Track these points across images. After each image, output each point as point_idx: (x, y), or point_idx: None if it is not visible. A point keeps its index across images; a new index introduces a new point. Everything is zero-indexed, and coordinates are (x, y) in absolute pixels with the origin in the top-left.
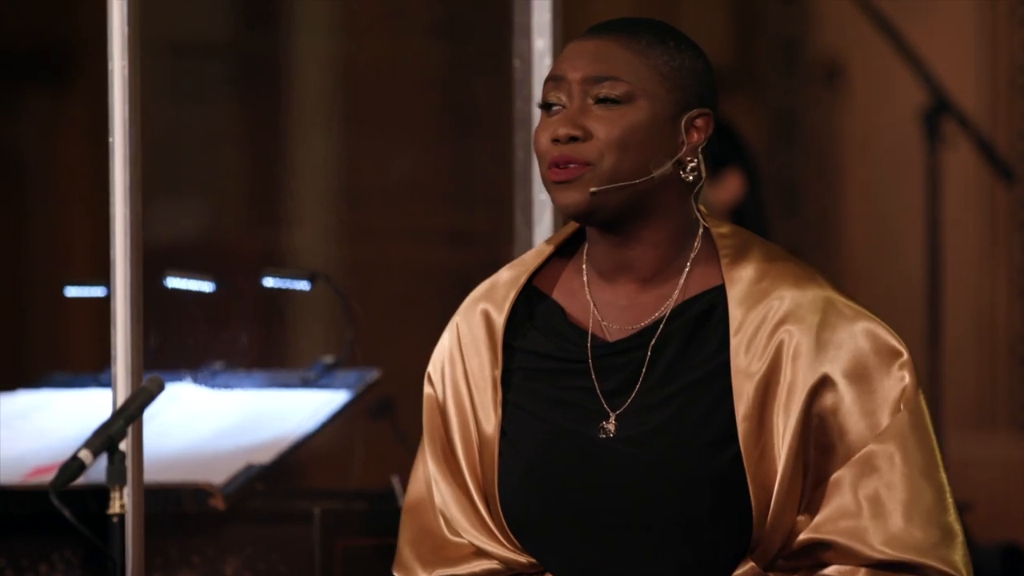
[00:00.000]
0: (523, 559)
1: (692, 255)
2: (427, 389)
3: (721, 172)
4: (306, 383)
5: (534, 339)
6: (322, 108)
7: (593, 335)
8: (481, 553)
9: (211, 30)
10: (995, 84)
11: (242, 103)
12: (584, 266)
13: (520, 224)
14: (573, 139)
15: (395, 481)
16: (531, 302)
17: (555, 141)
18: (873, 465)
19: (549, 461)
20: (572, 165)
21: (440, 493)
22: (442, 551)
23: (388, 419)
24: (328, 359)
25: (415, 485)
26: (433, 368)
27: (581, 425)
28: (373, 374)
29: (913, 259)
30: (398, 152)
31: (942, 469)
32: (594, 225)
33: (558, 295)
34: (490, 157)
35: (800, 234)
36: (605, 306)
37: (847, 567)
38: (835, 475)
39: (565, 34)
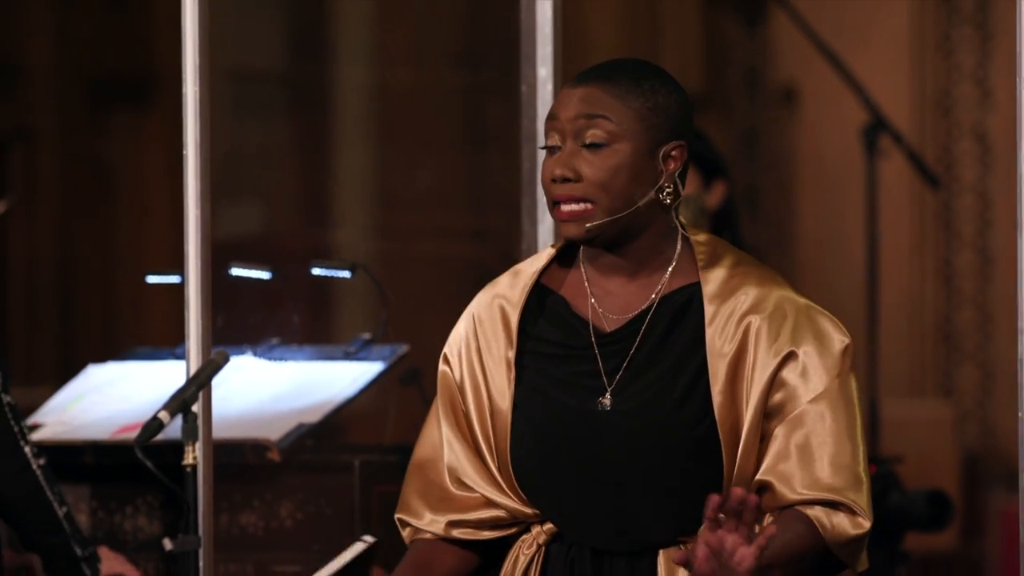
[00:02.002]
0: (528, 510)
1: (674, 257)
2: (442, 367)
3: (712, 182)
4: (347, 356)
5: (543, 328)
6: (360, 127)
7: (594, 326)
8: (490, 504)
9: (268, 61)
10: (924, 106)
11: (294, 122)
12: (582, 265)
13: (526, 223)
14: (567, 179)
15: None
16: (540, 296)
17: (553, 180)
18: (804, 421)
19: (555, 431)
20: (572, 204)
21: (455, 453)
22: (449, 502)
23: (415, 386)
24: (366, 336)
25: (423, 447)
26: (449, 351)
27: (582, 401)
28: (403, 348)
29: (855, 252)
30: (423, 163)
31: (860, 433)
32: (593, 247)
33: (563, 291)
34: (501, 167)
35: (761, 233)
36: (602, 297)
37: (780, 508)
38: (775, 429)
39: (565, 64)
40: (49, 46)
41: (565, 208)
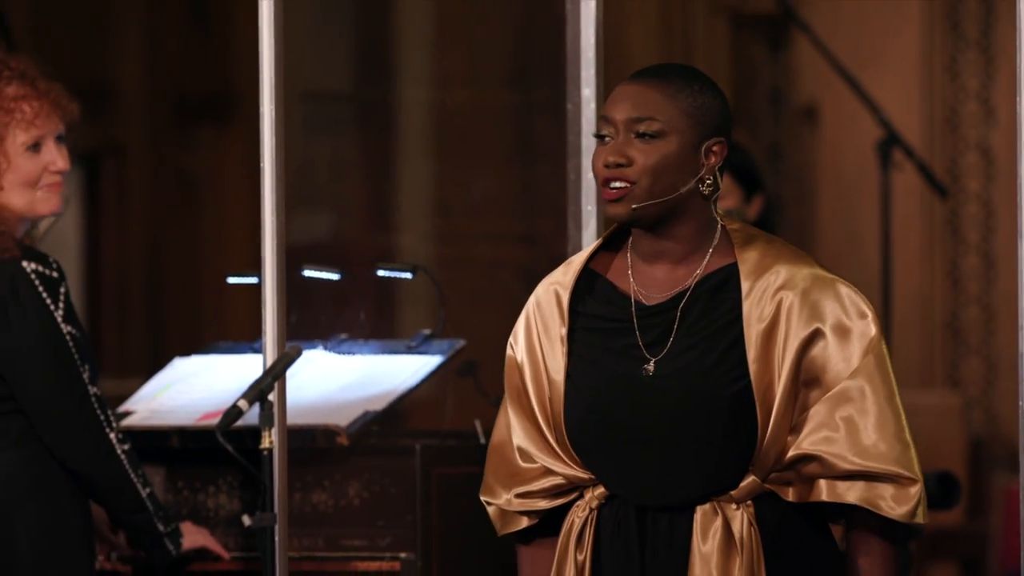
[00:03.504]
0: (583, 474)
1: (713, 244)
2: (508, 352)
3: (752, 197)
4: (409, 349)
5: (592, 306)
6: (421, 141)
7: (636, 300)
8: (549, 472)
9: (337, 82)
10: (933, 122)
11: (360, 137)
12: (629, 253)
13: (572, 229)
14: (619, 164)
15: (477, 424)
16: (589, 280)
17: (606, 165)
18: (848, 396)
19: (604, 396)
20: (620, 184)
21: (518, 430)
22: (517, 476)
23: (471, 377)
24: (426, 331)
25: (497, 432)
26: (514, 336)
27: (628, 368)
28: (460, 343)
29: (871, 256)
30: (478, 174)
31: (898, 397)
32: (637, 228)
33: (610, 275)
34: (549, 178)
35: (784, 238)
36: (645, 281)
37: (830, 479)
38: (817, 404)
39: (607, 84)
40: (138, 67)
41: (613, 187)
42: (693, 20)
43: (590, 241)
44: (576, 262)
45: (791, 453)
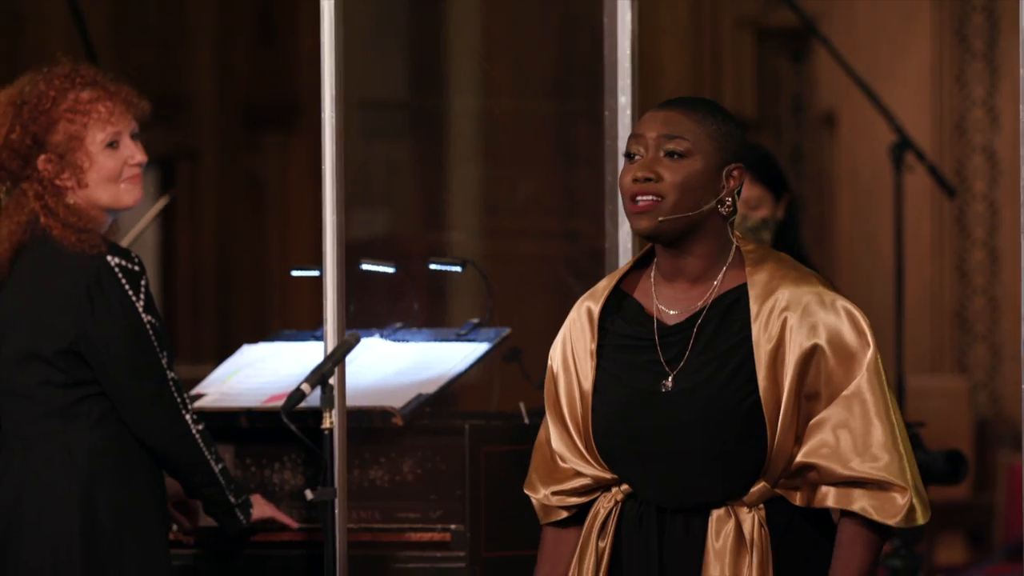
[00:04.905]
0: (609, 475)
1: (727, 263)
2: (549, 363)
3: (780, 197)
4: (459, 337)
5: (619, 324)
6: (470, 146)
7: (658, 320)
8: (578, 474)
9: (393, 91)
10: (942, 128)
11: (414, 142)
12: (653, 272)
13: (609, 227)
14: (648, 179)
15: (521, 406)
16: (618, 299)
17: (635, 180)
18: (847, 407)
19: (626, 409)
20: (648, 197)
21: (553, 434)
22: (554, 474)
23: (516, 362)
24: (474, 320)
25: (542, 430)
26: (554, 350)
27: (649, 383)
28: (506, 331)
29: (885, 251)
30: (523, 176)
31: (893, 411)
32: (659, 243)
33: (636, 294)
34: (588, 180)
35: (805, 235)
36: (666, 299)
37: (829, 485)
38: (818, 416)
39: (641, 93)
40: (210, 79)
41: (641, 201)
42: (720, 33)
43: (625, 238)
44: (606, 283)
45: (796, 461)
